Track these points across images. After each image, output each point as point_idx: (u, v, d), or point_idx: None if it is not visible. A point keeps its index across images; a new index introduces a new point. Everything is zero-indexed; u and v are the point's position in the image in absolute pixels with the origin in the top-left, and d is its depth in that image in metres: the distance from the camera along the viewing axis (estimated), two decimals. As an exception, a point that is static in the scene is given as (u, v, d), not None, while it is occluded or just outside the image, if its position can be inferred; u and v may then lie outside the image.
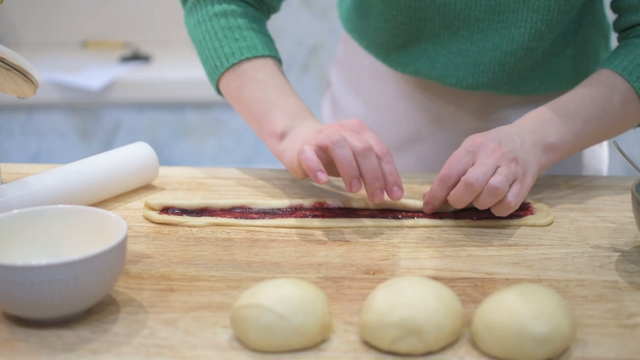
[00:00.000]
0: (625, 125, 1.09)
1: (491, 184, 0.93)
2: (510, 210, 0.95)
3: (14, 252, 0.82)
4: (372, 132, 1.00)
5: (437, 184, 0.97)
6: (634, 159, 0.98)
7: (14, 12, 2.85)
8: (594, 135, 1.06)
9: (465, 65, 1.14)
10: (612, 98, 1.04)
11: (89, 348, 0.73)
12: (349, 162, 0.94)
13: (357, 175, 0.95)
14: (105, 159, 1.05)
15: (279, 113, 1.07)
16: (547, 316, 0.71)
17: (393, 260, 0.90)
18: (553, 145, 1.01)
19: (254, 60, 1.11)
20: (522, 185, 0.96)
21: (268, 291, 0.74)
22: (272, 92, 1.09)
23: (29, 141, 2.74)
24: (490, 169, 0.94)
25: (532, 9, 1.08)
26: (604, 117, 1.04)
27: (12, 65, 0.90)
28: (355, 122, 1.01)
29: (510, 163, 0.95)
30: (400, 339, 0.71)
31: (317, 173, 0.94)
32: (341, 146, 0.94)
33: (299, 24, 2.74)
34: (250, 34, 1.12)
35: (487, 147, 0.96)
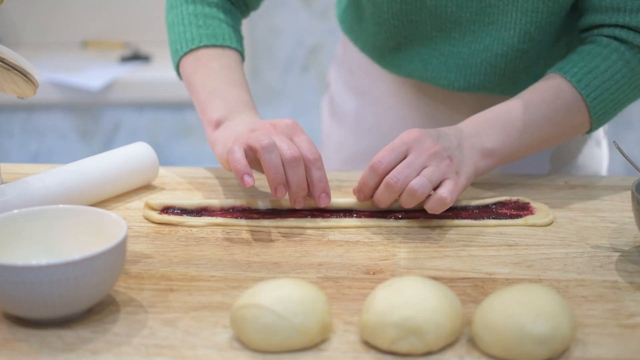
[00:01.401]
0: (573, 131, 1.08)
1: (410, 186, 0.93)
2: (443, 207, 0.94)
3: (14, 252, 0.82)
4: (305, 134, 0.99)
5: (368, 171, 0.96)
6: (634, 159, 0.98)
7: (14, 12, 2.85)
8: (537, 141, 1.05)
9: (457, 67, 1.14)
10: (556, 104, 1.04)
11: (89, 348, 0.73)
12: (275, 168, 0.94)
13: (283, 182, 0.95)
14: (105, 159, 1.05)
15: (219, 102, 1.07)
16: (547, 316, 0.71)
17: (393, 260, 0.90)
18: (491, 151, 1.01)
19: (212, 48, 1.12)
20: (456, 183, 0.95)
21: (268, 291, 0.74)
22: (220, 81, 1.09)
23: (29, 141, 2.74)
24: (415, 170, 0.94)
25: (521, 11, 1.07)
26: (546, 123, 1.04)
27: (12, 65, 0.90)
28: (290, 122, 1.00)
29: (441, 162, 0.95)
30: (400, 339, 0.71)
31: (244, 177, 0.94)
32: (270, 152, 0.94)
33: (299, 24, 2.75)
34: (214, 23, 1.13)
35: (422, 143, 0.96)
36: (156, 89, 2.61)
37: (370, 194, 0.98)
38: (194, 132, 2.72)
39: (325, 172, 0.97)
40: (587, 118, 1.06)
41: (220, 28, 1.13)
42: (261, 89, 2.79)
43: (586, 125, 1.07)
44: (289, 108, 2.83)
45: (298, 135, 0.99)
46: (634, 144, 2.78)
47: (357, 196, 0.99)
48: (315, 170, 0.96)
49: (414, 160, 0.94)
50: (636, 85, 1.06)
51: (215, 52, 1.12)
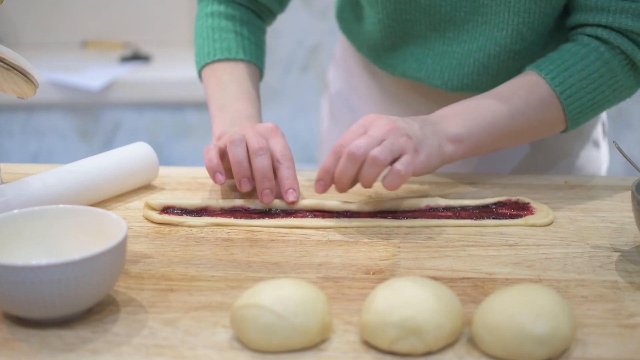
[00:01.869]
0: (547, 128, 1.07)
1: (371, 153, 0.92)
2: (399, 181, 0.94)
3: (14, 252, 0.82)
4: (282, 138, 1.01)
5: (329, 155, 0.96)
6: (634, 159, 0.98)
7: (14, 12, 2.85)
8: (507, 133, 1.04)
9: (451, 67, 1.14)
10: (529, 99, 1.04)
11: (89, 348, 0.73)
12: (239, 161, 0.97)
13: (247, 176, 0.97)
14: (105, 159, 1.05)
15: (224, 116, 1.10)
16: (547, 316, 0.71)
17: (393, 260, 0.90)
18: (457, 136, 1.00)
19: (226, 62, 1.15)
20: (413, 159, 0.95)
21: (268, 291, 0.74)
22: (228, 95, 1.12)
23: (29, 141, 2.74)
24: (375, 140, 0.94)
25: (513, 12, 1.07)
26: (517, 116, 1.04)
27: (12, 65, 0.90)
28: (270, 126, 1.02)
29: (399, 137, 0.95)
30: (400, 339, 0.71)
31: (216, 174, 0.98)
32: (236, 145, 0.97)
33: (299, 24, 2.74)
34: (230, 37, 1.16)
35: (380, 121, 0.97)
36: (156, 89, 2.61)
37: (331, 182, 0.98)
38: (194, 132, 2.72)
39: (294, 172, 0.99)
40: (561, 116, 1.05)
41: (235, 41, 1.16)
42: (261, 89, 2.78)
43: (561, 124, 1.07)
44: (288, 108, 2.83)
45: (274, 137, 1.00)
46: (634, 144, 2.78)
47: (316, 187, 0.98)
48: (284, 169, 0.98)
49: (373, 133, 0.95)
50: (616, 87, 1.06)
51: (228, 66, 1.15)
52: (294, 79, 2.79)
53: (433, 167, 0.99)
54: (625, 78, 1.06)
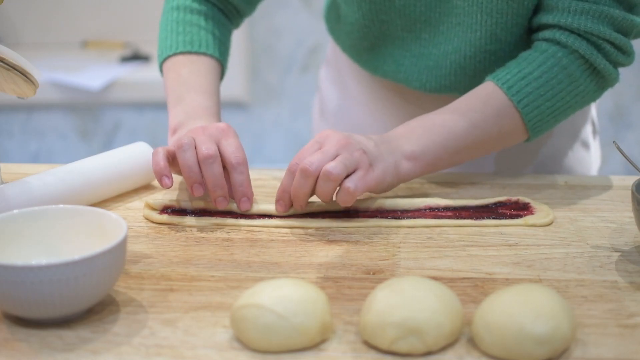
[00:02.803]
0: (507, 139, 1.06)
1: (325, 168, 0.92)
2: (350, 197, 0.93)
3: (14, 252, 0.82)
4: (235, 138, 0.99)
5: (286, 175, 0.96)
6: (634, 159, 0.98)
7: (14, 12, 2.85)
8: (465, 148, 1.03)
9: (428, 68, 1.14)
10: (485, 112, 1.02)
11: (89, 348, 0.73)
12: (189, 167, 0.95)
13: (198, 181, 0.96)
14: (105, 159, 1.05)
15: (180, 109, 1.09)
16: (547, 316, 0.71)
17: (393, 260, 0.90)
18: (412, 153, 1.00)
19: (187, 55, 1.14)
20: (367, 174, 0.95)
21: (268, 291, 0.74)
22: (186, 87, 1.11)
23: (29, 141, 2.74)
24: (329, 156, 0.93)
25: (486, 13, 1.06)
26: (473, 130, 1.02)
27: (12, 65, 0.90)
28: (222, 126, 1.00)
29: (354, 152, 0.94)
30: (400, 339, 0.71)
31: (163, 178, 0.96)
32: (185, 150, 0.95)
33: (299, 24, 2.75)
34: (193, 30, 1.15)
35: (334, 137, 0.96)
36: (156, 89, 2.60)
37: (290, 201, 0.97)
38: (194, 132, 2.72)
39: (248, 176, 0.97)
40: (521, 125, 1.04)
41: (198, 35, 1.14)
42: (261, 89, 2.79)
43: (522, 133, 1.05)
44: (288, 108, 2.83)
45: (226, 138, 0.99)
46: (634, 144, 2.78)
47: (277, 207, 0.98)
48: (237, 174, 0.97)
49: (327, 149, 0.94)
50: (577, 92, 1.04)
51: (189, 59, 1.13)
52: (294, 79, 2.79)
53: (388, 184, 0.98)
54: (586, 83, 1.04)
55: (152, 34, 2.87)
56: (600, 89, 1.07)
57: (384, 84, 1.22)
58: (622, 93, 2.72)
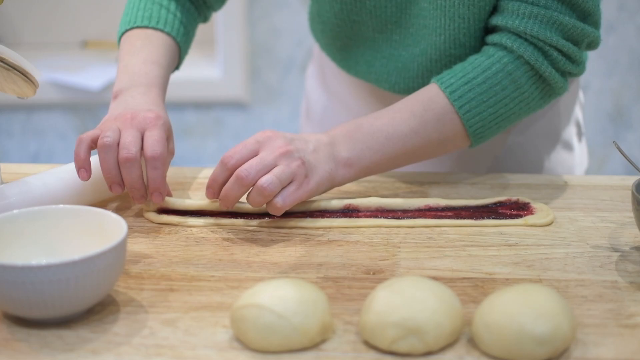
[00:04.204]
0: (447, 144, 1.04)
1: (259, 183, 0.92)
2: (278, 212, 0.94)
3: (14, 252, 0.82)
4: (157, 129, 0.98)
5: (218, 166, 0.95)
6: (634, 159, 0.98)
7: (14, 12, 2.85)
8: (403, 153, 1.02)
9: (397, 70, 1.14)
10: (425, 117, 1.01)
11: (89, 348, 0.73)
12: (109, 169, 0.95)
13: (117, 182, 0.96)
14: (105, 159, 1.04)
15: (126, 75, 1.08)
16: (547, 316, 0.71)
17: (393, 260, 0.90)
18: (348, 160, 0.99)
19: (143, 29, 1.13)
20: (300, 187, 0.94)
21: (268, 291, 0.74)
22: (135, 57, 1.10)
23: (29, 141, 2.74)
24: (266, 167, 0.93)
25: (449, 17, 1.05)
26: (412, 135, 1.01)
27: (12, 65, 0.90)
28: (151, 116, 1.00)
29: (292, 162, 0.94)
30: (400, 339, 0.71)
31: (80, 170, 0.96)
32: (106, 151, 0.95)
33: (299, 24, 2.74)
34: (154, 8, 1.14)
35: (275, 141, 0.95)
36: (156, 89, 2.61)
37: (219, 191, 0.96)
38: (194, 132, 2.72)
39: (162, 171, 0.96)
40: (462, 131, 1.02)
41: (158, 12, 1.14)
42: (261, 89, 2.78)
43: (464, 139, 1.04)
44: (288, 108, 2.83)
45: (150, 130, 0.98)
46: (634, 144, 2.78)
47: (207, 193, 0.97)
48: (151, 169, 0.96)
49: (265, 156, 0.93)
50: (521, 99, 1.03)
51: (144, 32, 1.13)
52: (294, 79, 2.79)
53: (321, 191, 0.98)
54: (531, 90, 1.03)
55: (152, 34, 2.88)
56: (547, 96, 1.05)
57: (358, 83, 1.23)
58: (622, 93, 2.72)
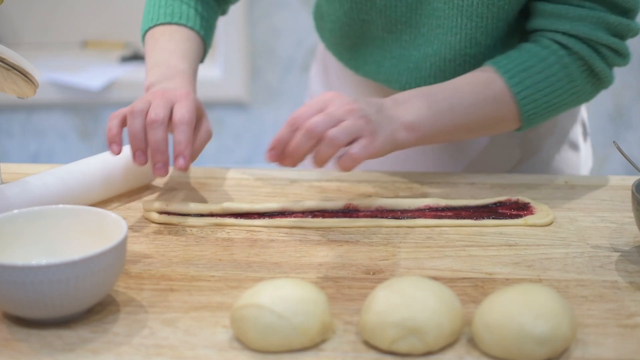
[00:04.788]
0: (500, 125, 1.07)
1: (329, 134, 0.91)
2: (353, 164, 0.93)
3: (14, 252, 0.82)
4: (188, 102, 0.99)
5: (285, 127, 0.94)
6: (634, 159, 0.98)
7: (14, 12, 2.85)
8: (461, 125, 1.04)
9: (408, 70, 1.14)
10: (485, 94, 1.04)
11: (89, 348, 0.73)
12: (135, 133, 0.96)
13: (142, 148, 0.96)
14: (105, 159, 1.05)
15: (156, 70, 1.09)
16: (547, 316, 0.71)
17: (393, 260, 0.90)
18: (411, 123, 0.99)
19: (167, 25, 1.14)
20: (369, 144, 0.94)
21: (268, 291, 0.74)
22: (163, 52, 1.11)
23: (29, 141, 2.74)
24: (334, 119, 0.93)
25: (466, 16, 1.07)
26: (472, 109, 1.03)
27: (12, 65, 0.90)
28: (182, 91, 1.01)
29: (358, 119, 0.94)
30: (400, 339, 0.71)
31: (112, 144, 0.97)
32: (134, 117, 0.96)
33: (299, 24, 2.74)
34: (175, 4, 1.15)
35: (340, 99, 0.95)
36: (156, 89, 2.61)
37: (282, 153, 0.95)
38: (194, 132, 2.72)
39: (188, 136, 0.96)
40: (516, 115, 1.05)
41: (180, 8, 1.15)
42: (261, 89, 2.78)
43: (515, 122, 1.07)
44: (288, 108, 2.83)
45: (180, 102, 0.99)
46: (634, 144, 2.78)
47: (268, 156, 0.95)
48: (177, 133, 0.96)
49: (332, 112, 0.93)
50: (574, 91, 1.06)
51: (168, 29, 1.14)
52: (294, 79, 2.79)
53: (385, 153, 0.98)
54: (583, 83, 1.06)
55: (152, 34, 2.88)
56: (595, 90, 1.09)
57: (366, 83, 1.22)
58: (622, 93, 2.72)
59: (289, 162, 0.95)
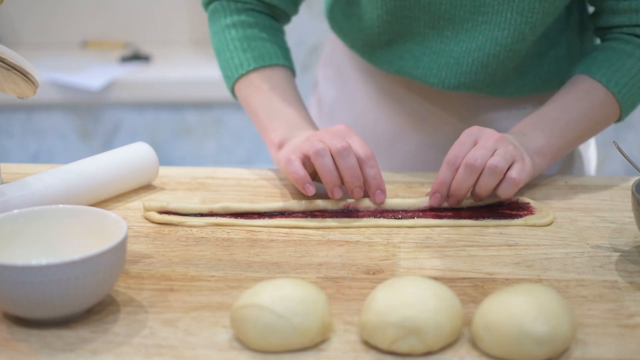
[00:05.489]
0: (606, 124, 1.13)
1: (490, 163, 0.96)
2: (515, 188, 0.98)
3: (14, 252, 0.82)
4: (357, 136, 1.02)
5: (444, 168, 0.99)
6: (634, 159, 0.98)
7: (14, 12, 2.85)
8: (578, 136, 1.10)
9: (448, 65, 1.14)
10: (591, 102, 1.09)
11: (89, 348, 0.73)
12: (329, 171, 0.97)
13: (338, 184, 0.98)
14: (105, 159, 1.05)
15: (278, 123, 1.10)
16: (547, 316, 0.71)
17: (393, 260, 0.90)
18: (541, 149, 1.05)
19: (261, 70, 1.14)
20: (524, 166, 0.99)
21: (268, 291, 0.74)
22: (275, 102, 1.12)
23: (29, 141, 2.74)
24: (489, 150, 0.97)
25: (517, 11, 1.08)
26: (584, 120, 1.09)
27: (12, 65, 0.90)
28: (342, 127, 1.03)
29: (508, 146, 0.98)
30: (400, 339, 0.71)
31: (305, 185, 0.98)
32: (322, 156, 0.97)
33: (299, 24, 2.74)
34: (259, 44, 1.16)
35: (487, 132, 1.00)
36: (156, 89, 2.61)
37: (447, 195, 1.00)
38: (194, 132, 2.72)
39: (379, 170, 1.00)
40: (617, 111, 1.11)
41: (265, 48, 1.16)
42: (261, 89, 2.79)
43: (616, 117, 1.12)
44: (289, 108, 2.83)
45: (350, 137, 1.01)
46: (634, 144, 2.78)
47: (432, 200, 1.00)
48: (369, 168, 0.99)
49: (484, 144, 0.98)
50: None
51: (265, 74, 1.15)
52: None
53: (533, 176, 1.03)
54: None
55: (152, 34, 2.88)
56: None
57: (395, 80, 1.22)
58: (622, 93, 2.71)
59: (453, 201, 1.00)
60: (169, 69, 2.65)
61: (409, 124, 1.23)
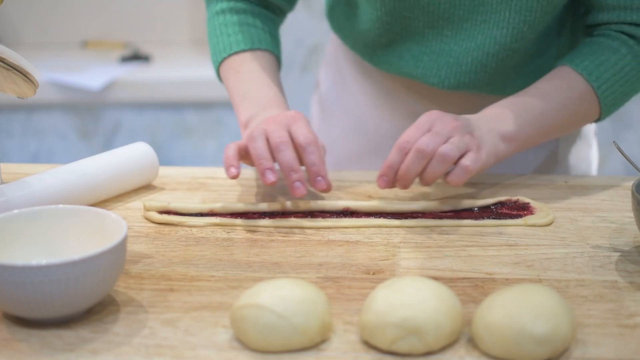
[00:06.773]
0: (584, 120, 1.12)
1: (441, 151, 0.95)
2: (466, 176, 0.96)
3: (14, 252, 0.82)
4: (304, 122, 1.01)
5: (394, 151, 0.97)
6: (634, 159, 0.98)
7: (14, 12, 2.85)
8: (552, 128, 1.08)
9: (448, 65, 1.14)
10: (570, 94, 1.07)
11: (89, 348, 0.73)
12: (260, 155, 0.97)
13: (269, 167, 0.97)
14: (105, 159, 1.05)
15: (247, 103, 1.10)
16: (547, 316, 0.71)
17: (393, 260, 0.90)
18: (509, 134, 1.03)
19: (243, 53, 1.15)
20: (478, 155, 0.97)
21: (268, 291, 0.74)
22: (249, 83, 1.12)
23: (29, 141, 2.74)
24: (443, 137, 0.96)
25: (515, 10, 1.08)
26: (561, 110, 1.07)
27: (12, 65, 0.90)
28: (292, 113, 1.03)
29: (464, 135, 0.97)
30: (400, 339, 0.71)
31: (230, 168, 0.98)
32: (256, 140, 0.97)
33: (299, 24, 2.74)
34: (243, 29, 1.16)
35: (444, 118, 0.99)
36: (156, 89, 2.61)
37: (394, 179, 0.98)
38: (194, 132, 2.72)
39: (320, 155, 0.98)
40: (597, 108, 1.09)
41: (249, 33, 1.16)
42: (261, 89, 2.79)
43: (596, 114, 1.10)
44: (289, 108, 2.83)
45: (296, 123, 1.01)
46: (634, 144, 2.78)
47: (379, 182, 0.99)
48: (308, 154, 0.98)
49: (439, 130, 0.97)
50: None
51: (246, 56, 1.15)
52: (294, 79, 2.79)
53: (490, 164, 1.01)
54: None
55: (152, 34, 2.88)
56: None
57: (395, 80, 1.22)
58: (622, 93, 2.71)
59: (400, 185, 0.98)
60: (169, 69, 2.65)
61: (409, 124, 1.23)
